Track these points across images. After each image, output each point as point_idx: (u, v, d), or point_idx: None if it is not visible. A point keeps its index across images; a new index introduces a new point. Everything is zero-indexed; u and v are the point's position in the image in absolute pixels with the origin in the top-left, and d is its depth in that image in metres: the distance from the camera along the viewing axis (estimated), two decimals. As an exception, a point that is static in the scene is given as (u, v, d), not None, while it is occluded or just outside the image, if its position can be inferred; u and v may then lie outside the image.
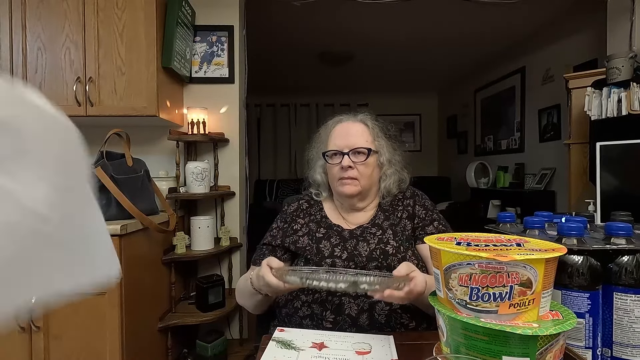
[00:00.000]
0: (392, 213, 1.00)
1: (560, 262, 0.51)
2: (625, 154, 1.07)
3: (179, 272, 1.95)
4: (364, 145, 0.97)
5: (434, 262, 0.50)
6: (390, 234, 0.94)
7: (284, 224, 1.04)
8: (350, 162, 0.95)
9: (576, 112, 2.03)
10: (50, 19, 1.71)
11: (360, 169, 0.96)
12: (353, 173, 0.96)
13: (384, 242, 0.92)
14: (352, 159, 0.96)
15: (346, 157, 0.95)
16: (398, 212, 1.00)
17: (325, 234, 0.97)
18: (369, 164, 0.97)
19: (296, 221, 1.03)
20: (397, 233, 0.95)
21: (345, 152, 0.96)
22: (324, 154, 1.01)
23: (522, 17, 3.02)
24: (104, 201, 1.49)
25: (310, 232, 0.98)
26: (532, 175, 3.36)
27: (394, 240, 0.93)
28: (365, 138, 0.98)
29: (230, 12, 2.18)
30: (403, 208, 1.00)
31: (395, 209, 1.00)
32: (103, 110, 1.74)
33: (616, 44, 2.10)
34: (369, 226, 0.97)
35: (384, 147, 1.02)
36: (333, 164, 0.98)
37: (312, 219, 1.03)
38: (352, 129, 0.99)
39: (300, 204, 1.08)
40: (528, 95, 3.52)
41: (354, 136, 0.98)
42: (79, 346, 1.38)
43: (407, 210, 1.00)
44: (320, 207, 1.06)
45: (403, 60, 4.11)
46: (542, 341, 0.41)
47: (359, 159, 0.96)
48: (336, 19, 3.03)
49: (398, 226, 0.97)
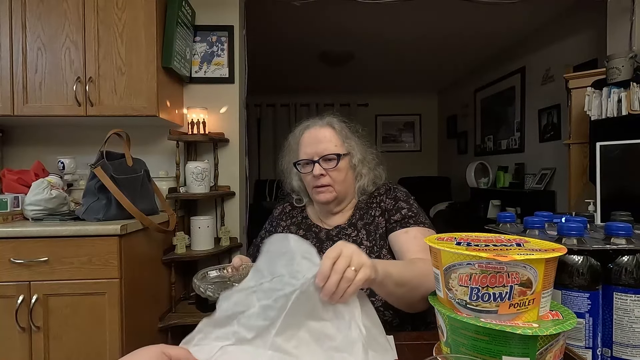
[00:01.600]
0: (366, 212, 0.99)
1: (560, 262, 0.51)
2: (625, 154, 1.07)
3: (179, 272, 1.95)
4: (333, 150, 0.95)
5: (434, 262, 0.50)
6: (364, 234, 0.94)
7: (271, 227, 1.09)
8: (321, 169, 0.94)
9: (576, 112, 2.03)
10: (50, 19, 1.71)
11: (332, 175, 0.95)
12: (326, 180, 0.95)
13: (357, 243, 0.92)
14: (323, 165, 0.95)
15: (317, 165, 0.94)
16: (372, 209, 0.99)
17: (304, 236, 0.98)
18: (340, 169, 0.96)
19: (280, 224, 1.07)
20: (371, 232, 0.94)
21: (315, 160, 0.95)
22: (295, 164, 1.00)
23: (522, 17, 3.02)
24: (104, 201, 1.49)
25: None
26: (532, 175, 3.36)
27: (367, 240, 0.93)
28: (334, 142, 0.97)
29: (230, 12, 2.18)
30: (377, 205, 0.99)
31: (370, 207, 0.99)
32: (103, 110, 1.73)
33: (616, 44, 2.10)
34: (345, 226, 0.98)
35: (354, 148, 1.01)
36: (305, 173, 0.98)
37: (294, 221, 1.06)
38: (320, 135, 0.97)
39: (284, 207, 1.11)
40: (528, 95, 3.52)
41: (322, 142, 0.96)
42: (79, 346, 1.38)
43: (380, 207, 0.98)
44: (302, 208, 1.09)
45: (403, 60, 4.11)
46: (542, 341, 0.41)
47: (330, 165, 0.95)
48: (336, 18, 3.03)
49: (372, 225, 0.96)
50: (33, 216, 1.53)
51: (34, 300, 1.35)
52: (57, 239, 1.37)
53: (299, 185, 1.07)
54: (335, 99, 5.43)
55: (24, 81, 1.70)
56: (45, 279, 1.37)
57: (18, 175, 1.69)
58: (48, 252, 1.37)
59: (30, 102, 1.71)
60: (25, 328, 1.36)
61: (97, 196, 1.50)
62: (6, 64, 1.69)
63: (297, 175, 1.06)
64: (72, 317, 1.38)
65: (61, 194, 1.61)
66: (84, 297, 1.38)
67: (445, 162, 5.62)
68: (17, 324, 1.35)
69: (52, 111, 1.72)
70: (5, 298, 1.35)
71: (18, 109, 1.70)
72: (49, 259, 1.36)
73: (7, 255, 1.35)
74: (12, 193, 1.59)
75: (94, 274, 1.38)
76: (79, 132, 2.09)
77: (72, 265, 1.37)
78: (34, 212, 1.52)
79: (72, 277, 1.37)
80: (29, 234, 1.36)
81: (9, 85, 1.69)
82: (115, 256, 1.39)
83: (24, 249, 1.36)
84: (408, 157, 5.71)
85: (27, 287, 1.36)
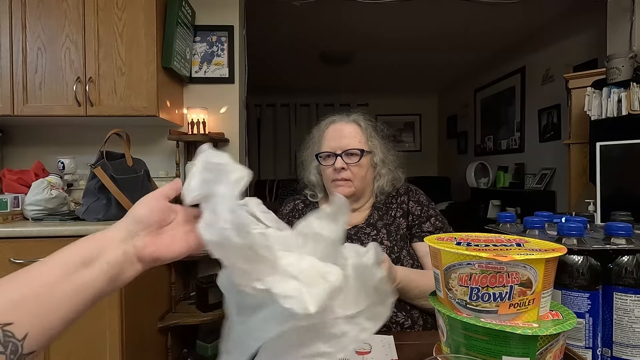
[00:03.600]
0: (385, 212, 0.99)
1: (560, 262, 0.51)
2: (625, 154, 1.07)
3: (179, 272, 1.95)
4: (356, 146, 0.97)
5: (433, 262, 0.50)
6: (385, 234, 0.94)
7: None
8: (343, 163, 0.95)
9: (576, 112, 2.03)
10: (50, 19, 1.71)
11: (353, 170, 0.96)
12: (346, 174, 0.96)
13: (377, 242, 0.92)
14: (345, 160, 0.96)
15: (339, 159, 0.95)
16: (392, 210, 0.99)
17: None
18: (362, 165, 0.97)
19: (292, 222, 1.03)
20: (391, 232, 0.94)
21: (338, 153, 0.96)
22: (317, 156, 1.01)
23: (522, 17, 3.02)
24: (104, 201, 1.49)
25: None
26: (532, 175, 3.36)
27: (388, 240, 0.93)
28: (358, 139, 0.98)
29: (230, 12, 2.18)
30: (397, 206, 1.00)
31: (390, 208, 1.00)
32: (103, 110, 1.73)
33: (616, 44, 2.10)
34: (363, 226, 0.97)
35: (377, 147, 1.02)
36: (326, 165, 0.99)
37: None
38: (345, 130, 0.99)
39: (296, 204, 1.08)
40: (528, 95, 3.52)
41: (346, 137, 0.97)
42: (79, 346, 1.38)
43: (402, 208, 0.99)
44: (316, 207, 1.07)
45: (403, 60, 4.11)
46: (542, 341, 0.41)
47: (352, 160, 0.96)
48: (336, 18, 3.03)
49: (392, 225, 0.96)
50: (33, 216, 1.53)
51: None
52: (57, 239, 1.37)
53: (317, 179, 1.07)
54: (335, 99, 5.43)
55: (24, 81, 1.70)
56: (45, 279, 1.36)
57: (18, 175, 1.69)
58: (48, 252, 1.34)
59: (30, 102, 1.71)
60: (25, 328, 1.36)
61: (97, 196, 1.50)
62: (6, 64, 1.69)
63: (316, 168, 1.06)
64: (72, 317, 1.38)
65: (61, 194, 1.61)
66: (84, 297, 1.38)
67: (445, 162, 5.62)
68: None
69: (52, 111, 1.72)
70: (5, 298, 1.35)
71: (18, 109, 1.70)
72: (49, 259, 1.36)
73: (7, 255, 1.35)
74: (12, 193, 1.59)
75: (94, 274, 1.38)
76: (79, 132, 2.09)
77: (72, 265, 1.37)
78: (34, 212, 1.52)
79: (72, 277, 1.37)
80: (29, 234, 1.36)
81: (9, 85, 1.69)
82: (115, 256, 1.38)
83: (24, 249, 1.36)
84: (408, 157, 5.65)
85: (27, 287, 1.36)
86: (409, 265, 0.90)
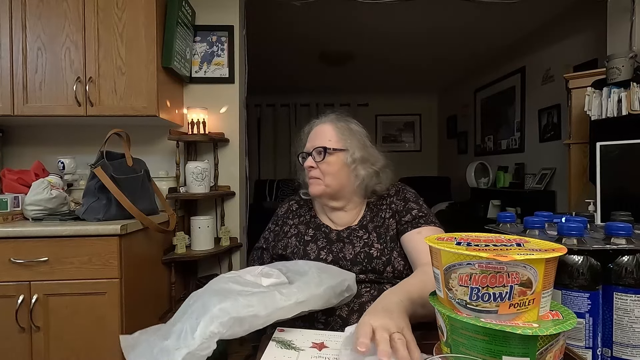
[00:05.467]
0: (376, 214, 0.99)
1: (560, 262, 0.51)
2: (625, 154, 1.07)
3: (179, 272, 1.95)
4: (324, 144, 0.98)
5: (434, 262, 0.50)
6: (375, 236, 0.94)
7: (276, 227, 1.07)
8: (311, 162, 0.98)
9: (576, 112, 2.03)
10: (50, 19, 1.71)
11: (322, 167, 0.97)
12: (315, 172, 0.98)
13: (368, 245, 0.92)
14: (316, 158, 0.98)
15: (309, 158, 0.99)
16: (382, 211, 0.99)
17: (314, 236, 0.98)
18: (330, 163, 0.97)
19: (287, 223, 1.05)
20: (381, 235, 0.94)
21: (309, 152, 0.99)
22: (298, 156, 1.05)
23: (522, 17, 3.02)
24: (104, 201, 1.49)
25: (299, 234, 1.00)
26: (532, 175, 3.36)
27: (378, 243, 0.92)
28: (328, 137, 0.99)
29: (230, 12, 2.18)
30: (387, 206, 0.99)
31: (380, 209, 1.00)
32: (103, 110, 1.74)
33: (616, 44, 2.10)
34: (356, 228, 0.97)
35: (355, 146, 1.00)
36: (303, 165, 1.02)
37: (302, 220, 1.04)
38: (319, 130, 1.02)
39: (290, 205, 1.10)
40: (528, 95, 3.52)
41: (318, 137, 1.00)
42: (79, 346, 1.38)
43: (391, 209, 0.98)
44: (310, 206, 1.08)
45: (403, 60, 4.11)
46: (542, 341, 0.41)
47: (319, 158, 0.98)
48: (336, 18, 3.03)
49: (382, 227, 0.96)
50: (33, 216, 1.53)
51: (34, 300, 1.35)
52: (57, 239, 1.37)
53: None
54: (335, 99, 5.43)
55: (24, 81, 1.70)
56: (45, 279, 1.37)
57: (18, 175, 1.69)
58: (48, 252, 1.37)
59: (30, 102, 1.71)
60: (25, 328, 1.36)
61: (97, 196, 1.50)
62: (6, 64, 1.69)
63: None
64: (72, 317, 1.38)
65: (61, 194, 1.61)
66: (84, 297, 1.38)
67: (445, 162, 5.62)
68: (17, 324, 1.35)
69: (52, 111, 1.72)
70: (5, 298, 1.35)
71: (18, 109, 1.70)
72: (49, 259, 1.37)
73: (7, 255, 1.35)
74: (12, 193, 1.59)
75: (94, 274, 1.38)
76: (79, 132, 2.09)
77: (72, 265, 1.38)
78: (34, 212, 1.52)
79: (72, 277, 1.38)
80: (29, 234, 1.36)
81: (9, 85, 1.69)
82: (115, 256, 1.39)
83: (24, 249, 1.36)
84: (408, 157, 5.71)
85: (27, 287, 1.36)
86: (400, 266, 0.89)
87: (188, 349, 0.53)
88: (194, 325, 0.57)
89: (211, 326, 0.55)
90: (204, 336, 0.54)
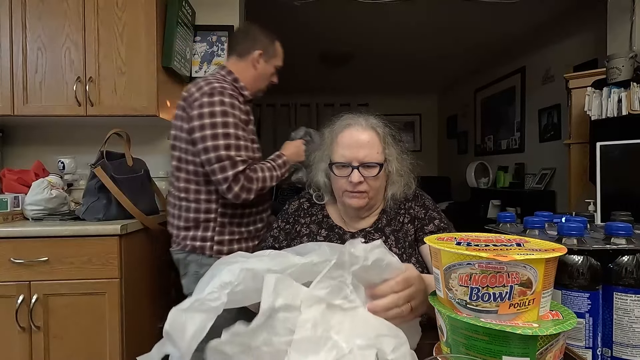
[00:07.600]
0: (394, 218, 0.95)
1: (560, 262, 0.51)
2: (625, 154, 1.07)
3: (179, 272, 1.95)
4: (375, 158, 0.89)
5: (434, 262, 0.50)
6: (393, 241, 0.91)
7: (286, 224, 1.01)
8: (360, 177, 0.88)
9: (576, 112, 2.03)
10: (50, 19, 1.71)
11: (370, 182, 0.89)
12: (363, 187, 0.89)
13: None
14: (363, 173, 0.88)
15: (356, 172, 0.88)
16: (400, 216, 0.95)
17: (327, 237, 0.94)
18: (379, 177, 0.91)
19: (298, 222, 1.00)
20: (400, 240, 0.91)
21: (354, 165, 0.88)
22: (330, 165, 0.93)
23: (522, 17, 3.02)
24: (104, 201, 1.49)
25: (312, 234, 0.96)
26: (532, 175, 3.36)
27: (397, 247, 0.90)
28: (376, 149, 0.90)
29: (230, 12, 2.18)
30: (405, 212, 0.96)
31: (398, 214, 0.96)
32: (103, 110, 1.74)
33: (616, 44, 2.10)
34: (371, 231, 0.94)
35: (393, 155, 0.95)
36: (340, 176, 0.90)
37: (314, 220, 0.99)
38: (362, 138, 0.90)
39: (301, 203, 1.04)
40: (528, 95, 3.52)
41: (364, 147, 0.89)
42: (79, 346, 1.38)
43: (410, 214, 0.95)
44: (322, 205, 1.02)
45: (403, 60, 4.11)
46: (542, 341, 0.41)
47: (370, 173, 0.89)
48: (336, 19, 3.03)
49: (400, 232, 0.93)
50: (33, 216, 1.53)
51: (34, 300, 1.35)
52: (57, 239, 1.37)
53: (325, 182, 0.99)
54: (335, 99, 5.43)
55: (24, 81, 1.70)
56: (45, 279, 1.37)
57: (18, 175, 1.69)
58: (48, 252, 1.37)
59: (30, 102, 1.71)
60: (25, 328, 1.36)
61: (97, 196, 1.50)
62: (6, 64, 1.69)
63: (325, 171, 0.99)
64: (72, 317, 1.38)
65: (61, 194, 1.61)
66: (84, 297, 1.38)
67: (445, 162, 5.62)
68: (17, 323, 1.35)
69: (52, 111, 1.72)
70: (5, 298, 1.35)
71: (18, 109, 1.70)
72: (49, 258, 1.36)
73: (7, 255, 1.35)
74: (12, 193, 1.59)
75: (94, 274, 1.38)
76: (79, 132, 2.09)
77: (72, 265, 1.38)
78: (34, 212, 1.52)
79: (72, 277, 1.38)
80: (29, 234, 1.36)
81: (9, 85, 1.69)
82: (115, 256, 1.39)
83: (24, 249, 1.36)
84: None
85: (27, 287, 1.36)
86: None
87: (197, 296, 0.52)
88: (204, 286, 0.55)
89: (222, 277, 0.53)
90: (214, 285, 0.52)
